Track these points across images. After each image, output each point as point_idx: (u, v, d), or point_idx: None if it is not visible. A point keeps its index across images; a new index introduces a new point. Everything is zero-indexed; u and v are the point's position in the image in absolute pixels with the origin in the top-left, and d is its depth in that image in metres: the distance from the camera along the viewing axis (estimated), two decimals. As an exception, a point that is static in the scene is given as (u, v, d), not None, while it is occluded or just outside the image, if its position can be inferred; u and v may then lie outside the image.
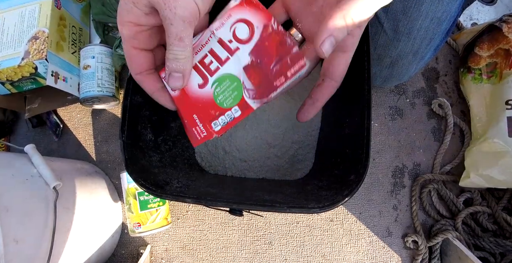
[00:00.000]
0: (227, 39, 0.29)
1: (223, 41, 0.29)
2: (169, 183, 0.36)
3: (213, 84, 0.30)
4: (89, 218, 0.50)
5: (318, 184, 0.40)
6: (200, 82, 0.30)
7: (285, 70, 0.28)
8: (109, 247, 0.57)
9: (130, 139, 0.33)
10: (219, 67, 0.29)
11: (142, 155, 0.36)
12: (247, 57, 0.29)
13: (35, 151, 0.45)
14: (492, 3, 0.70)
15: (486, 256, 0.56)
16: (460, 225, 0.56)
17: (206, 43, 0.30)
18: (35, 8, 0.54)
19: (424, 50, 0.44)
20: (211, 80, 0.30)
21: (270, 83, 0.28)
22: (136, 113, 0.35)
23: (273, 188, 0.43)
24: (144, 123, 0.36)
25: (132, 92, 0.34)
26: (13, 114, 0.65)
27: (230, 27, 0.29)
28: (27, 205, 0.38)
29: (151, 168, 0.36)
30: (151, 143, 0.37)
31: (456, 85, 0.64)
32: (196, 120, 0.30)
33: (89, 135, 0.64)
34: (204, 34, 0.29)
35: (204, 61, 0.30)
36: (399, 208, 0.60)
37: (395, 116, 0.63)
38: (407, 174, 0.61)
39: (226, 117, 0.30)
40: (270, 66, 0.28)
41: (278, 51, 0.28)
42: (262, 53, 0.28)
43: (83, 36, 0.63)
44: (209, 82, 0.30)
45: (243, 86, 0.29)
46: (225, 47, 0.29)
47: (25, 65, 0.51)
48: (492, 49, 0.55)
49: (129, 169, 0.32)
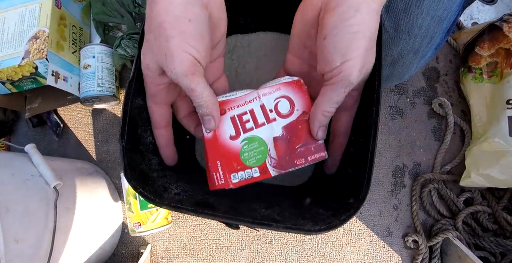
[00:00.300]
0: (269, 108, 0.32)
1: (265, 107, 0.32)
2: (167, 188, 0.36)
3: (243, 140, 0.32)
4: (90, 217, 0.50)
5: (317, 198, 0.40)
6: (233, 134, 0.32)
7: (307, 155, 0.32)
8: (109, 247, 0.57)
9: (130, 144, 0.33)
10: (253, 128, 0.32)
11: (141, 159, 0.35)
12: (280, 130, 0.32)
13: (36, 151, 0.45)
14: (492, 2, 0.70)
15: (487, 256, 0.56)
16: (460, 225, 0.56)
17: (250, 102, 0.33)
18: (36, 7, 0.54)
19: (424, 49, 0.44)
20: (242, 137, 0.32)
21: (291, 160, 0.32)
22: (137, 116, 0.35)
23: (271, 198, 0.42)
24: (145, 126, 0.36)
25: (133, 96, 0.34)
26: (13, 114, 0.65)
27: (275, 99, 0.32)
28: (27, 205, 0.38)
29: (151, 172, 0.36)
30: (151, 146, 0.37)
31: (457, 84, 0.64)
32: (218, 167, 0.32)
33: (90, 134, 0.64)
34: (252, 93, 0.33)
35: (243, 117, 0.33)
36: (399, 208, 0.60)
37: (396, 116, 0.63)
38: (408, 173, 0.61)
39: (246, 174, 0.32)
40: (296, 146, 0.32)
41: (307, 137, 0.32)
42: (293, 132, 0.32)
43: (84, 35, 0.63)
44: (240, 138, 0.32)
45: (268, 153, 0.32)
46: (264, 113, 0.32)
47: (25, 64, 0.51)
48: (492, 49, 0.55)
49: (128, 176, 0.32)
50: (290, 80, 0.32)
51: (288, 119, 0.32)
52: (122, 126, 0.32)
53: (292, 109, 0.32)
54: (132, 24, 0.63)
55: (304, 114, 0.32)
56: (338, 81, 0.27)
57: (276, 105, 0.32)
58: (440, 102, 0.61)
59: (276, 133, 0.32)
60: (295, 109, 0.32)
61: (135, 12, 0.63)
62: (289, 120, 0.32)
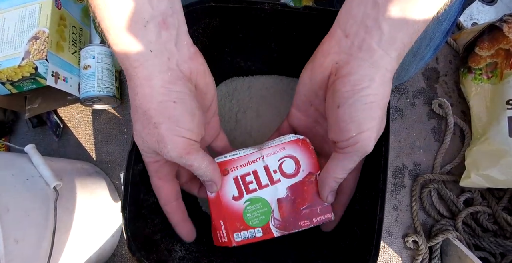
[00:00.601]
0: (273, 169, 0.32)
1: (268, 169, 0.32)
2: (171, 251, 0.36)
3: (246, 202, 0.32)
4: (90, 218, 0.50)
5: (322, 252, 0.39)
6: (236, 195, 0.32)
7: (313, 217, 0.31)
8: (109, 247, 0.57)
9: (132, 213, 0.33)
10: (256, 189, 0.32)
11: (145, 224, 0.35)
12: (284, 191, 0.32)
13: (35, 151, 0.45)
14: (492, 3, 0.70)
15: (487, 256, 0.56)
16: (460, 225, 0.56)
17: (253, 162, 0.32)
18: (35, 8, 0.54)
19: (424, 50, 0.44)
20: (245, 198, 0.32)
21: (295, 222, 0.31)
22: (139, 181, 0.34)
23: (273, 250, 0.41)
24: (147, 189, 0.35)
25: (134, 163, 0.33)
26: (13, 114, 0.65)
27: (279, 159, 0.32)
28: (27, 205, 0.38)
29: (154, 235, 0.35)
30: (153, 206, 0.36)
31: (456, 85, 0.64)
32: (222, 226, 0.33)
33: (90, 135, 0.64)
34: (255, 153, 0.33)
35: (246, 178, 0.32)
36: (399, 208, 0.60)
37: (395, 116, 0.63)
38: (407, 174, 0.61)
39: (248, 233, 0.32)
40: (301, 207, 0.31)
41: (313, 199, 0.31)
42: (298, 193, 0.32)
43: (84, 36, 0.63)
44: (243, 199, 0.32)
45: (271, 214, 0.32)
46: (268, 175, 0.32)
47: (25, 65, 0.51)
48: (492, 49, 0.55)
49: (132, 248, 0.32)
50: (295, 138, 0.32)
51: (293, 179, 0.32)
52: (124, 198, 0.32)
53: (298, 169, 0.32)
54: (132, 24, 0.63)
55: (310, 175, 0.32)
56: (353, 151, 0.27)
57: (281, 165, 0.32)
58: (440, 102, 0.61)
59: (280, 194, 0.32)
60: (300, 170, 0.32)
61: (135, 12, 0.63)
62: (294, 181, 0.32)
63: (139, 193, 0.35)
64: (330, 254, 0.38)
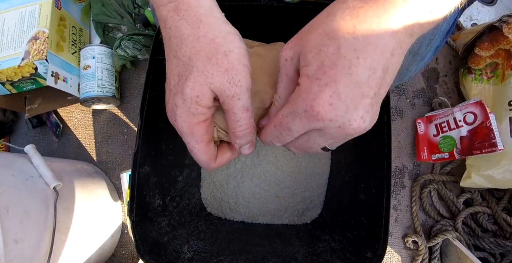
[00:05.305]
0: (458, 119, 0.53)
1: (456, 119, 0.54)
2: (180, 253, 0.36)
3: (441, 137, 0.56)
4: (89, 218, 0.50)
5: (330, 244, 0.39)
6: (435, 133, 0.57)
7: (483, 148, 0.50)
8: (109, 247, 0.57)
9: (139, 215, 0.33)
10: (447, 131, 0.55)
11: (152, 226, 0.35)
12: (465, 133, 0.52)
13: (35, 151, 0.45)
14: (492, 3, 0.70)
15: (486, 257, 0.56)
16: (460, 226, 0.56)
17: (447, 115, 0.55)
18: (35, 8, 0.54)
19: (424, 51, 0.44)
20: (440, 135, 0.56)
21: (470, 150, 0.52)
22: (145, 184, 0.34)
23: (282, 247, 0.41)
24: (153, 191, 0.35)
25: (139, 166, 0.33)
26: (13, 114, 0.65)
27: (463, 113, 0.53)
28: (27, 205, 0.38)
29: (162, 238, 0.36)
30: (159, 208, 0.36)
31: (456, 85, 0.64)
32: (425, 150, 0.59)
33: (89, 135, 0.64)
34: (447, 111, 0.55)
35: (442, 124, 0.56)
36: (399, 209, 0.60)
37: (395, 117, 0.63)
38: (407, 174, 0.61)
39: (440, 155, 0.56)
40: (475, 142, 0.51)
41: (484, 137, 0.49)
42: (474, 134, 0.51)
43: (83, 36, 0.63)
44: (439, 136, 0.56)
45: (455, 145, 0.54)
46: (455, 123, 0.54)
47: (25, 65, 0.51)
48: (492, 50, 0.55)
49: (141, 251, 0.32)
50: (475, 101, 0.51)
51: (472, 126, 0.51)
52: (130, 201, 0.32)
53: (475, 120, 0.51)
54: (132, 25, 0.63)
55: (482, 123, 0.50)
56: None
57: (464, 117, 0.52)
58: (440, 101, 0.61)
59: (462, 133, 0.52)
60: (477, 120, 0.51)
61: (134, 13, 0.63)
62: (472, 126, 0.51)
63: (145, 197, 0.35)
64: (339, 246, 0.38)
